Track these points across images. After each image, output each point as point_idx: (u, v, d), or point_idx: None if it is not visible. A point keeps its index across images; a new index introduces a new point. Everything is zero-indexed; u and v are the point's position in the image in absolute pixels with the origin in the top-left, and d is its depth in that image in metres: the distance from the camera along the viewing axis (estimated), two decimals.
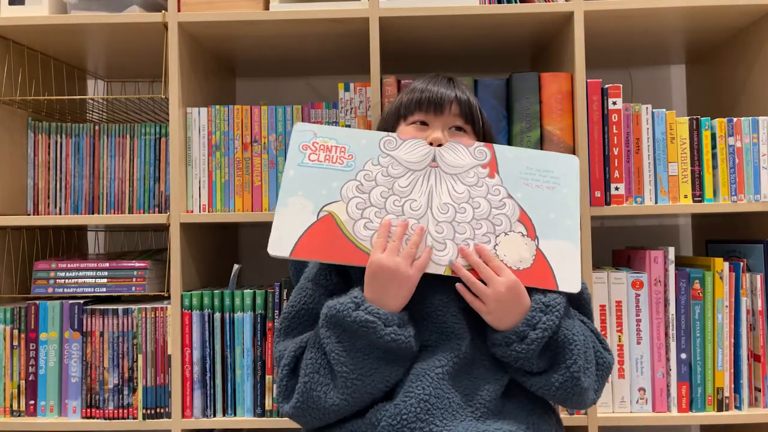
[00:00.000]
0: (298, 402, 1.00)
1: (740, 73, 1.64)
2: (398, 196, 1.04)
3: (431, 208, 1.04)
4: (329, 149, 1.08)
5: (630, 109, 1.47)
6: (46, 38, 1.59)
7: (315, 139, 1.08)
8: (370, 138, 1.09)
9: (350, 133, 1.10)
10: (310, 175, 1.05)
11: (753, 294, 1.46)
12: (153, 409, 1.47)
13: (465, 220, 1.04)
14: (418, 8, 1.46)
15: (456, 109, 1.12)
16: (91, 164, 1.62)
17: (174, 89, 1.48)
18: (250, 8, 1.49)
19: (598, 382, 1.06)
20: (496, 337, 1.01)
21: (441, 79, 1.16)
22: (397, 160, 1.07)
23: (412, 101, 1.13)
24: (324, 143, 1.08)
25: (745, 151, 1.47)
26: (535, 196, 1.07)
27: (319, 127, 1.10)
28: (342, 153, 1.07)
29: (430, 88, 1.13)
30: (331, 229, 1.02)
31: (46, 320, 1.49)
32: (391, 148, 1.08)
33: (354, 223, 1.02)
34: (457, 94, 1.13)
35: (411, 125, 1.13)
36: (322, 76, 1.97)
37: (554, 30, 1.57)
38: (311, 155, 1.07)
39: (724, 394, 1.44)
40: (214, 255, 1.73)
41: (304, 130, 1.09)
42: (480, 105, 1.17)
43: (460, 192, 1.06)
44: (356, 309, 0.97)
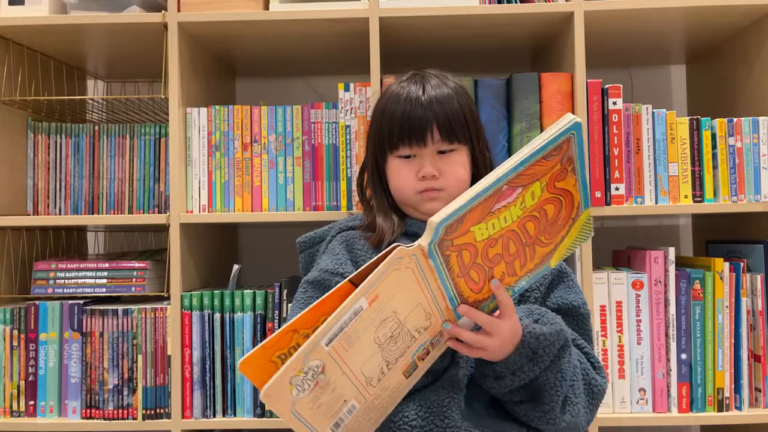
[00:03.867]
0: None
1: (740, 73, 1.64)
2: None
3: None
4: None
5: (630, 109, 1.47)
6: (46, 38, 1.58)
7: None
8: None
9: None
10: None
11: (753, 294, 1.46)
12: (153, 410, 1.47)
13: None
14: (418, 8, 1.46)
15: (438, 136, 1.11)
16: (91, 164, 1.62)
17: (174, 89, 1.48)
18: (250, 8, 1.49)
19: (589, 410, 1.04)
20: (480, 369, 1.00)
21: (417, 88, 1.13)
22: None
23: (394, 136, 1.12)
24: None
25: (745, 151, 1.47)
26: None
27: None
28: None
29: (407, 120, 1.11)
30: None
31: (45, 320, 1.49)
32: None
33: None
34: (436, 116, 1.10)
35: (399, 158, 1.14)
36: (322, 76, 1.97)
37: (554, 30, 1.56)
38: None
39: (725, 394, 1.44)
40: (214, 255, 1.73)
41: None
42: (462, 100, 1.14)
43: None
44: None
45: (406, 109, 1.12)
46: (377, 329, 0.82)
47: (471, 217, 0.86)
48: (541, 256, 0.95)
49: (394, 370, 0.87)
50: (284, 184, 1.52)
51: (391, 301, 0.83)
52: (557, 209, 0.94)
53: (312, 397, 0.78)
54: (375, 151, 1.18)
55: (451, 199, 1.15)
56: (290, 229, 1.61)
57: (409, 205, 1.17)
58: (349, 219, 1.23)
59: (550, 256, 0.96)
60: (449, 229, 0.84)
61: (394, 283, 0.82)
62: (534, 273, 0.96)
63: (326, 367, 0.78)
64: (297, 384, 0.76)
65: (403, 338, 0.86)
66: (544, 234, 0.94)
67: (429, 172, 1.11)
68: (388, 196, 1.19)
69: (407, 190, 1.15)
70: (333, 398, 0.81)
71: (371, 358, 0.83)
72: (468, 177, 1.17)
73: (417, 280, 0.85)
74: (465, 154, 1.15)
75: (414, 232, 1.16)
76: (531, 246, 0.93)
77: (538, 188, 0.90)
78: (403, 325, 0.85)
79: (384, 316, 0.83)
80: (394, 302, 0.83)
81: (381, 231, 1.14)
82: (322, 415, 0.80)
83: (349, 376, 0.81)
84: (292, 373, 0.76)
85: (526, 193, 0.89)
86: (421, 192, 1.14)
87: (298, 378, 0.76)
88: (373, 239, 1.14)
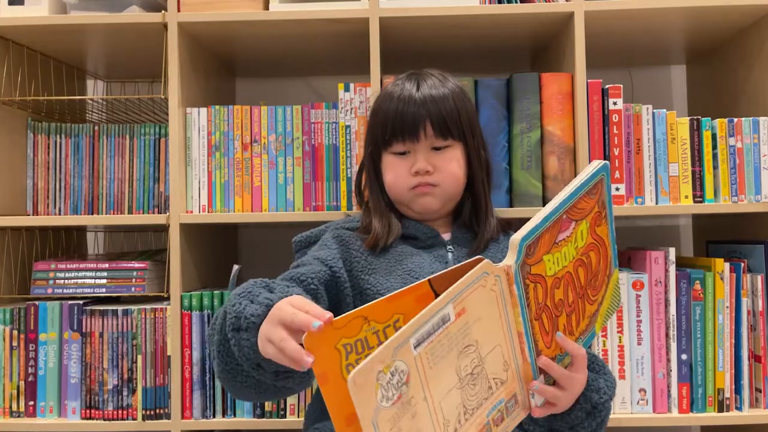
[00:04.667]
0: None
1: (741, 73, 1.64)
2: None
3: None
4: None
5: (630, 109, 1.47)
6: (45, 38, 1.58)
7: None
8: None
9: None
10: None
11: (754, 295, 1.46)
12: (152, 410, 1.47)
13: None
14: (418, 8, 1.45)
15: (431, 132, 1.12)
16: (91, 164, 1.62)
17: (174, 89, 1.48)
18: (250, 8, 1.49)
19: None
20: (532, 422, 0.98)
21: (411, 86, 1.13)
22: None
23: (387, 132, 1.12)
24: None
25: (745, 151, 1.47)
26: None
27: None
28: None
29: (401, 115, 1.11)
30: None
31: (45, 321, 1.49)
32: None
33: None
34: (429, 113, 1.11)
35: (393, 155, 1.14)
36: (322, 76, 1.97)
37: (554, 30, 1.56)
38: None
39: (725, 394, 1.44)
40: (214, 255, 1.72)
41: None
42: (458, 99, 1.14)
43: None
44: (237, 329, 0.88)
45: (399, 106, 1.12)
46: (459, 356, 0.76)
47: (543, 243, 0.83)
48: (589, 315, 0.93)
49: (471, 424, 0.78)
50: (284, 185, 1.52)
51: (476, 324, 0.77)
52: (597, 259, 0.92)
53: (393, 414, 0.69)
54: (371, 150, 1.18)
55: (446, 196, 1.16)
56: (290, 229, 1.61)
57: (403, 203, 1.17)
58: (346, 220, 1.23)
59: (595, 319, 0.94)
60: (529, 251, 0.81)
61: (479, 302, 0.77)
62: (585, 336, 0.92)
63: (410, 380, 0.70)
64: (383, 385, 0.68)
65: (482, 383, 0.79)
66: (591, 287, 0.92)
67: (422, 168, 1.11)
68: (385, 195, 1.19)
69: (401, 186, 1.14)
70: (409, 429, 0.71)
71: (451, 393, 0.75)
72: (463, 174, 1.16)
73: (499, 311, 0.80)
74: (459, 152, 1.15)
75: (412, 234, 1.15)
76: (582, 299, 0.91)
77: (585, 228, 0.89)
78: (482, 363, 0.79)
79: (467, 342, 0.76)
80: (478, 328, 0.78)
81: (376, 233, 1.13)
82: None
83: (429, 405, 0.73)
84: (380, 366, 0.67)
85: (578, 231, 0.88)
86: (414, 188, 1.14)
87: (385, 377, 0.68)
88: (368, 241, 1.13)
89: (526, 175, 1.46)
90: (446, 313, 0.73)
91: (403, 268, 1.10)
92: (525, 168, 1.46)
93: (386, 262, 1.11)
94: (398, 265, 1.11)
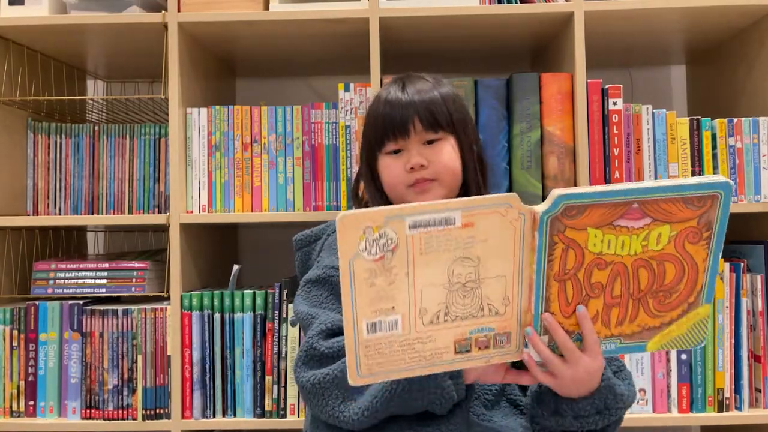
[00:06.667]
0: (324, 381, 0.96)
1: (740, 73, 1.64)
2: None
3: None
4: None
5: (630, 109, 1.47)
6: (46, 38, 1.58)
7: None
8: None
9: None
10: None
11: (753, 295, 1.46)
12: (153, 410, 1.47)
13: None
14: (418, 8, 1.45)
15: (420, 126, 1.11)
16: (91, 164, 1.62)
17: (174, 89, 1.48)
18: (250, 8, 1.49)
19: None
20: (540, 396, 0.98)
21: (396, 89, 1.14)
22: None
23: (378, 133, 1.13)
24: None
25: (745, 151, 1.47)
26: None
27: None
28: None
29: (389, 115, 1.12)
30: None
31: (45, 321, 1.49)
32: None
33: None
34: (417, 109, 1.11)
35: (387, 155, 1.14)
36: (322, 77, 1.97)
37: (554, 30, 1.56)
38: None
39: (725, 394, 1.44)
40: (214, 255, 1.72)
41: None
42: (448, 99, 1.14)
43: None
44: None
45: (387, 108, 1.13)
46: (455, 262, 0.79)
47: (592, 214, 0.79)
48: (643, 325, 0.87)
49: (449, 329, 0.82)
50: (284, 185, 1.52)
51: (482, 243, 0.79)
52: (678, 277, 0.85)
53: (371, 268, 0.76)
54: (368, 156, 1.19)
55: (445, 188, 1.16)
56: (290, 229, 1.60)
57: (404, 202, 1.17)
58: None
59: (651, 334, 0.88)
60: (568, 211, 0.79)
61: (492, 225, 0.78)
62: (626, 344, 0.88)
63: (397, 251, 0.76)
64: (368, 239, 0.74)
65: (474, 300, 0.82)
66: (656, 299, 0.86)
67: (416, 162, 1.11)
68: (386, 198, 1.19)
69: (398, 185, 1.15)
70: (385, 293, 0.77)
71: (435, 289, 0.79)
72: (459, 166, 1.16)
73: (513, 247, 0.80)
74: (452, 144, 1.15)
75: None
76: (636, 303, 0.86)
77: (666, 234, 0.82)
78: (479, 283, 0.81)
79: (467, 254, 0.79)
80: (484, 249, 0.79)
81: None
82: (369, 299, 0.77)
83: (409, 286, 0.78)
84: (370, 223, 0.74)
85: (653, 231, 0.82)
86: (412, 185, 1.14)
87: (373, 234, 0.74)
88: None
89: (526, 175, 1.46)
90: (452, 216, 0.77)
91: None
92: (525, 168, 1.46)
93: None
94: None
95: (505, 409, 1.04)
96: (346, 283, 0.76)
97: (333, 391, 0.95)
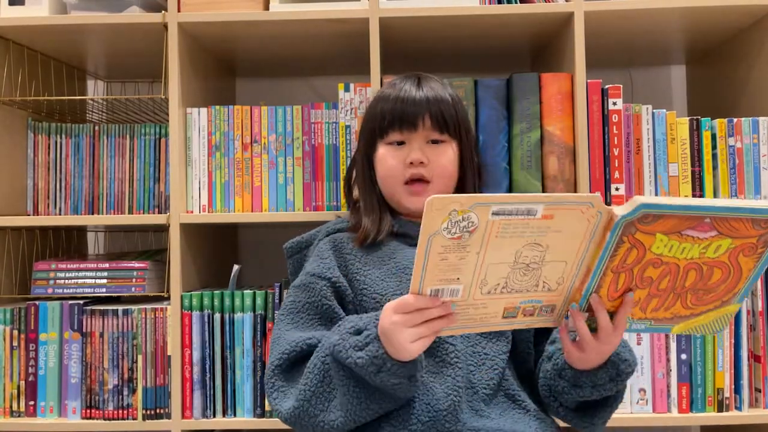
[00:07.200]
0: (294, 415, 1.01)
1: (740, 73, 1.64)
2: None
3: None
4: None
5: (630, 109, 1.47)
6: (46, 38, 1.58)
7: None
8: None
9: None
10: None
11: (753, 295, 1.46)
12: (153, 410, 1.47)
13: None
14: (418, 8, 1.45)
15: (429, 123, 1.12)
16: (91, 164, 1.62)
17: (174, 89, 1.48)
18: (250, 8, 1.49)
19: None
20: (562, 371, 1.02)
21: (411, 84, 1.15)
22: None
23: (385, 121, 1.13)
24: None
25: (745, 151, 1.47)
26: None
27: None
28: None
29: (400, 106, 1.13)
30: None
31: (45, 321, 1.49)
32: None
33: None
34: (429, 106, 1.12)
35: (389, 145, 1.14)
36: (322, 76, 1.97)
37: (554, 30, 1.56)
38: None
39: (725, 394, 1.44)
40: (214, 255, 1.73)
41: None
42: (457, 104, 1.16)
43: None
44: (378, 372, 0.92)
45: (399, 100, 1.14)
46: (525, 246, 0.84)
47: (666, 223, 0.84)
48: (675, 314, 0.94)
49: (503, 299, 0.88)
50: (284, 185, 1.52)
51: (555, 234, 0.84)
52: (720, 279, 0.91)
53: (447, 244, 0.81)
54: (365, 144, 1.19)
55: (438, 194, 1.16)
56: (290, 229, 1.61)
57: (394, 198, 1.17)
58: (336, 222, 1.23)
59: (679, 321, 0.95)
60: (644, 218, 0.83)
61: (569, 220, 0.83)
62: (654, 326, 0.95)
63: (475, 233, 0.81)
64: (451, 221, 0.79)
65: (532, 278, 0.87)
66: (695, 295, 0.92)
67: (417, 158, 1.12)
68: (377, 191, 1.19)
69: (394, 179, 1.15)
70: (454, 266, 0.83)
71: (501, 266, 0.85)
72: (455, 173, 1.17)
73: (582, 238, 0.85)
74: (453, 150, 1.16)
75: (404, 232, 1.16)
76: (676, 296, 0.92)
77: (726, 246, 0.87)
78: (542, 265, 0.86)
79: (539, 241, 0.84)
80: (555, 238, 0.84)
81: (366, 228, 1.14)
82: (439, 270, 0.83)
83: (478, 260, 0.83)
84: (457, 206, 0.79)
85: (714, 242, 0.87)
86: (407, 183, 1.14)
87: (457, 216, 0.79)
88: (358, 237, 1.14)
89: (526, 175, 1.46)
90: (534, 208, 0.81)
91: (396, 263, 1.11)
92: (525, 168, 1.46)
93: (379, 258, 1.12)
94: (390, 260, 1.12)
95: (503, 404, 1.04)
96: (421, 256, 0.81)
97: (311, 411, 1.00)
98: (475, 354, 1.05)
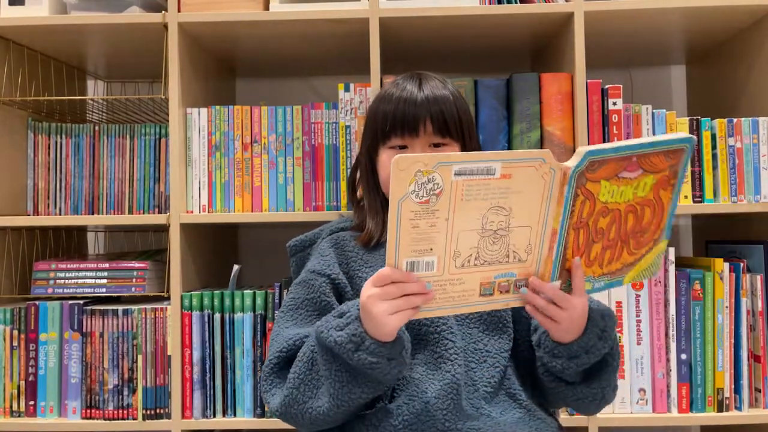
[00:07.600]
0: (284, 404, 1.00)
1: (740, 73, 1.64)
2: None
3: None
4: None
5: (630, 109, 1.47)
6: (46, 38, 1.58)
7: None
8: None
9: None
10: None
11: (753, 295, 1.46)
12: (153, 410, 1.47)
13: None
14: (418, 8, 1.46)
15: (430, 128, 1.12)
16: (91, 164, 1.62)
17: (174, 89, 1.48)
18: (251, 8, 1.49)
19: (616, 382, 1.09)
20: (552, 350, 1.01)
21: (412, 84, 1.14)
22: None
23: (387, 125, 1.13)
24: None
25: (745, 151, 1.47)
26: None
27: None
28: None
29: (401, 108, 1.12)
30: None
31: (45, 321, 1.49)
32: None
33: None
34: (430, 108, 1.11)
35: (390, 149, 1.14)
36: (322, 77, 1.97)
37: (554, 30, 1.56)
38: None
39: (725, 394, 1.44)
40: (214, 255, 1.73)
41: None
42: (459, 102, 1.15)
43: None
44: (356, 350, 0.91)
45: (401, 103, 1.13)
46: (490, 210, 0.86)
47: (607, 168, 0.88)
48: (624, 263, 0.97)
49: (478, 272, 0.89)
50: (284, 185, 1.52)
51: (516, 195, 0.86)
52: (651, 218, 0.96)
53: (417, 210, 0.82)
54: (368, 146, 1.18)
55: None
56: (290, 229, 1.61)
57: None
58: (340, 221, 1.23)
59: (627, 270, 0.98)
60: (591, 166, 0.86)
61: (526, 178, 0.85)
62: (609, 281, 0.98)
63: (441, 196, 0.82)
64: (418, 182, 0.81)
65: (502, 247, 0.89)
66: (635, 239, 0.96)
67: None
68: (380, 194, 1.19)
69: None
70: (425, 235, 0.84)
71: (471, 234, 0.86)
72: None
73: (541, 198, 0.87)
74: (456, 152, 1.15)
75: None
76: (621, 244, 0.96)
77: (650, 183, 0.93)
78: (508, 231, 0.88)
79: (501, 204, 0.86)
80: (517, 200, 0.86)
81: (369, 230, 1.14)
82: (411, 239, 0.84)
83: (448, 227, 0.85)
84: (422, 167, 0.80)
85: (641, 181, 0.92)
86: None
87: (423, 177, 0.81)
88: (362, 237, 1.14)
89: None
90: (493, 167, 0.84)
91: None
92: None
93: (380, 257, 1.12)
94: None
95: (504, 402, 1.04)
96: (393, 223, 0.82)
97: (301, 396, 0.99)
98: (476, 351, 1.05)
